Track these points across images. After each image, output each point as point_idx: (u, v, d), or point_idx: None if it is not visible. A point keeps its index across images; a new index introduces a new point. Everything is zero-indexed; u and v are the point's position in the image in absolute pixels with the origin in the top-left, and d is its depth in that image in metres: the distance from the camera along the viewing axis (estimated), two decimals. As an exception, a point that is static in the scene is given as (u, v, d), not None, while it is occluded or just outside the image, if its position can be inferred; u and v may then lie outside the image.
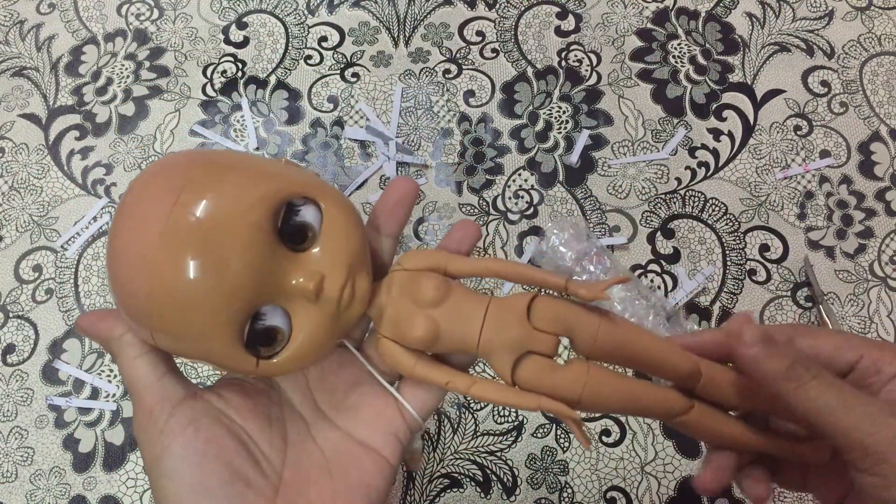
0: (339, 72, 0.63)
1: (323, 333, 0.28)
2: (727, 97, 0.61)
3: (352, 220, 0.29)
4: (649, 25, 0.65)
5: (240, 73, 0.64)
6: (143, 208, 0.26)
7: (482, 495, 0.50)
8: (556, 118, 0.61)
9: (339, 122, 0.61)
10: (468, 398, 0.53)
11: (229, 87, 0.63)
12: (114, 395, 0.53)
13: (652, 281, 0.56)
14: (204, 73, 0.64)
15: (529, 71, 0.63)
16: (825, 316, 0.53)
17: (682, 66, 0.63)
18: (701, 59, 0.63)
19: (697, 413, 0.29)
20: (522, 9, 0.66)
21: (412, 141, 0.60)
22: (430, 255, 0.30)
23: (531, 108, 0.61)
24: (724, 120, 0.61)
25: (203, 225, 0.25)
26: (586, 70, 0.63)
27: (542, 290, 0.44)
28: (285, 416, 0.30)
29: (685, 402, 0.29)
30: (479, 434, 0.52)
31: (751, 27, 0.64)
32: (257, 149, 0.61)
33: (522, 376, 0.28)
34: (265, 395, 0.30)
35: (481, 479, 0.51)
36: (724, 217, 0.57)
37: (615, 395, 0.28)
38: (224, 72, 0.64)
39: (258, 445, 0.28)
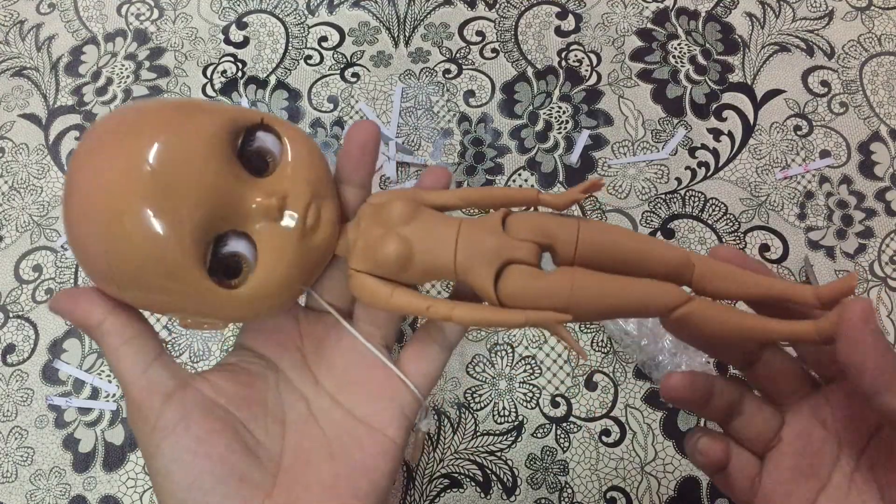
0: (339, 72, 0.63)
1: (290, 256, 0.26)
2: (727, 97, 0.61)
3: (314, 151, 0.28)
4: (649, 25, 0.65)
5: (240, 73, 0.64)
6: (98, 150, 0.25)
7: (482, 495, 0.50)
8: (556, 118, 0.61)
9: (339, 122, 0.61)
10: (467, 398, 0.53)
11: (229, 87, 0.63)
12: (114, 395, 0.53)
13: (652, 281, 0.56)
14: (204, 73, 0.64)
15: (529, 71, 0.63)
16: (825, 316, 0.53)
17: (682, 66, 0.63)
18: (701, 59, 0.63)
19: (699, 303, 0.26)
20: (522, 9, 0.66)
21: (412, 141, 0.60)
22: (399, 191, 0.29)
23: (531, 108, 0.61)
24: (724, 120, 0.61)
25: (160, 152, 0.24)
26: (586, 70, 0.63)
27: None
28: (283, 398, 0.29)
29: (683, 293, 0.26)
30: (479, 434, 0.52)
31: (751, 27, 0.64)
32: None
33: (506, 288, 0.26)
34: (261, 379, 0.29)
35: (481, 479, 0.51)
36: (724, 217, 0.57)
37: (606, 293, 0.26)
38: (224, 72, 0.64)
39: (253, 434, 0.27)
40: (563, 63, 0.63)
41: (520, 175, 0.59)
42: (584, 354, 0.27)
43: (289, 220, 0.26)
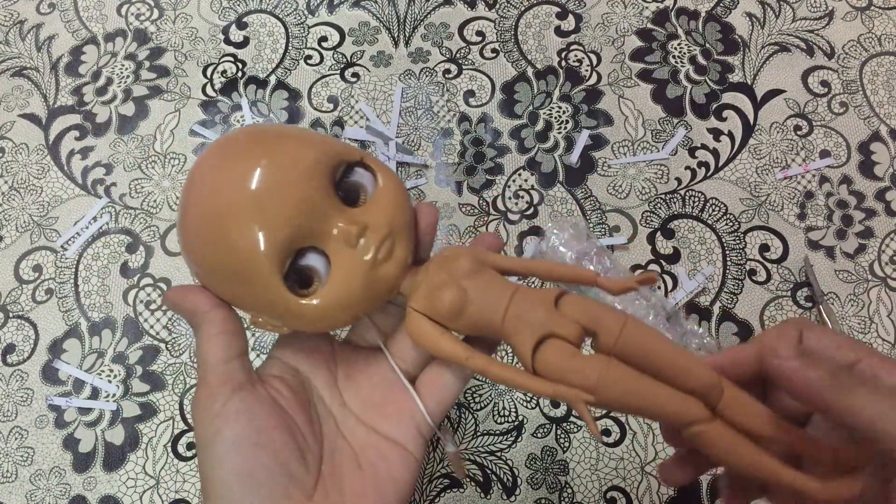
0: (339, 72, 0.63)
1: (358, 281, 0.29)
2: (727, 97, 0.61)
3: (402, 195, 0.31)
4: (649, 25, 0.65)
5: (240, 73, 0.64)
6: (215, 167, 0.29)
7: (482, 495, 0.50)
8: (556, 118, 0.61)
9: (339, 122, 0.61)
10: (467, 398, 0.53)
11: (229, 87, 0.63)
12: (114, 395, 0.53)
13: (652, 281, 0.56)
14: (204, 73, 0.64)
15: (529, 71, 0.63)
16: (825, 316, 0.53)
17: (682, 66, 0.63)
18: (701, 59, 0.63)
19: (718, 426, 0.27)
20: (522, 9, 0.66)
21: (412, 141, 0.60)
22: (470, 248, 0.32)
23: (531, 108, 0.61)
24: (724, 120, 0.61)
25: (268, 170, 0.28)
26: (586, 70, 0.63)
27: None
28: (320, 412, 0.31)
29: (706, 412, 0.27)
30: (479, 434, 0.52)
31: (751, 27, 0.64)
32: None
33: (542, 357, 0.28)
34: (304, 391, 0.31)
35: (481, 479, 0.51)
36: (724, 217, 0.57)
37: (631, 390, 0.27)
38: (224, 72, 0.64)
39: (304, 437, 0.29)
40: (563, 63, 0.63)
41: (520, 175, 0.59)
42: (599, 436, 0.29)
43: (364, 249, 0.29)
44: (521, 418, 0.52)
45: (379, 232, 0.30)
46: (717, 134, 0.60)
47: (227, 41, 0.65)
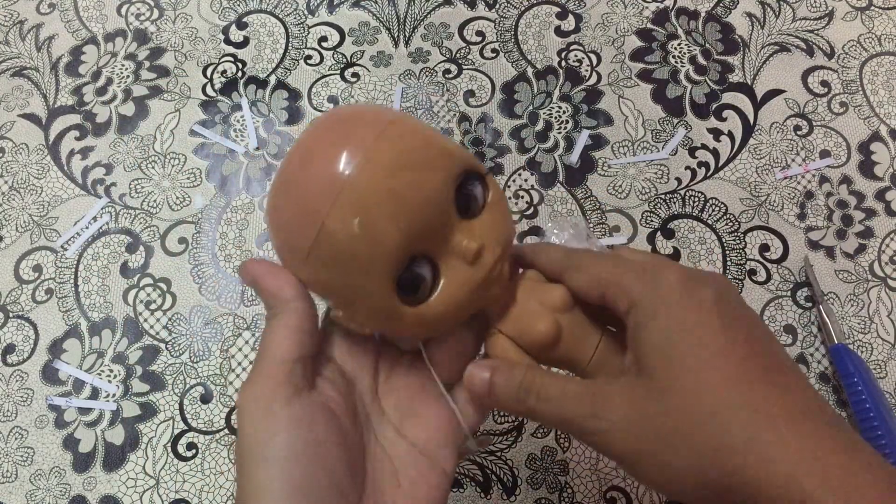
0: (339, 72, 0.63)
1: (466, 295, 0.28)
2: (727, 97, 0.61)
3: (509, 212, 0.31)
4: (649, 25, 0.65)
5: (240, 73, 0.64)
6: (339, 137, 0.27)
7: (482, 495, 0.50)
8: (556, 118, 0.61)
9: (339, 122, 0.61)
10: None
11: (229, 87, 0.63)
12: (114, 395, 0.53)
13: (652, 281, 0.56)
14: (204, 73, 0.64)
15: (529, 71, 0.63)
16: (825, 316, 0.53)
17: (682, 66, 0.63)
18: (701, 59, 0.63)
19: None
20: (522, 9, 0.66)
21: (412, 141, 0.60)
22: (558, 284, 0.32)
23: (531, 108, 0.61)
24: (724, 120, 0.61)
25: (402, 157, 0.26)
26: (586, 70, 0.63)
27: None
28: (361, 419, 0.30)
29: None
30: (478, 434, 0.52)
31: (751, 27, 0.64)
32: (257, 149, 0.61)
33: None
34: (351, 395, 0.30)
35: (481, 479, 0.51)
36: (724, 217, 0.57)
37: None
38: (224, 72, 0.64)
39: (353, 450, 0.28)
40: (563, 63, 0.63)
41: (519, 175, 0.59)
42: None
43: (479, 267, 0.29)
44: (521, 418, 0.52)
45: (494, 252, 0.29)
46: (717, 134, 0.60)
47: (227, 41, 0.65)
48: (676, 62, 0.63)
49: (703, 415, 0.24)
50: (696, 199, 0.58)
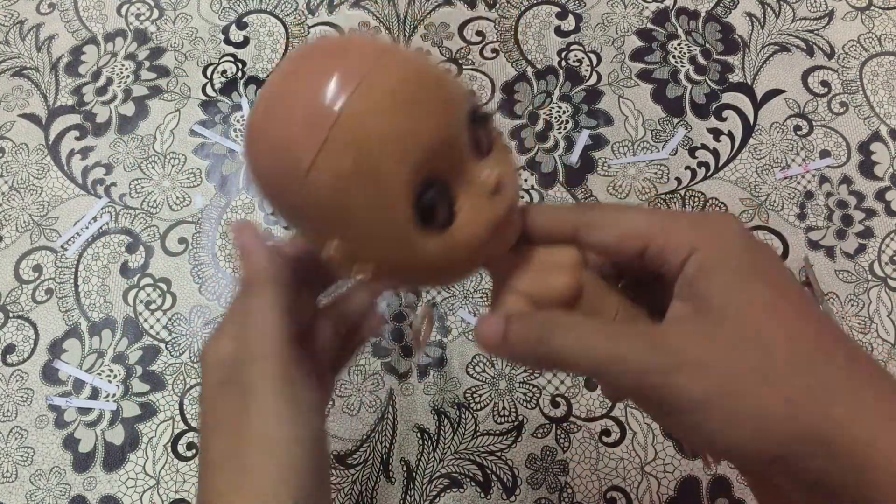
0: (339, 72, 0.63)
1: (487, 229, 0.25)
2: (727, 97, 0.61)
3: (513, 159, 0.28)
4: (649, 25, 0.65)
5: (240, 73, 0.63)
6: (338, 51, 0.24)
7: (482, 495, 0.50)
8: (556, 118, 0.61)
9: (339, 122, 0.61)
10: (467, 398, 0.52)
11: (229, 87, 0.63)
12: (113, 395, 0.53)
13: (652, 281, 0.56)
14: (204, 73, 0.64)
15: (529, 71, 0.63)
16: (825, 316, 0.53)
17: (682, 66, 0.63)
18: (701, 59, 0.63)
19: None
20: (522, 9, 0.66)
21: (412, 141, 0.60)
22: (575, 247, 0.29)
23: (531, 108, 0.61)
24: (724, 120, 0.61)
25: (413, 74, 0.24)
26: (586, 70, 0.63)
27: None
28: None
29: None
30: (479, 434, 0.52)
31: (751, 27, 0.64)
32: (257, 149, 0.61)
33: None
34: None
35: (481, 479, 0.51)
36: (724, 217, 0.57)
37: None
38: (224, 72, 0.64)
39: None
40: (563, 63, 0.63)
41: (520, 175, 0.59)
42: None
43: (499, 199, 0.25)
44: (521, 418, 0.52)
45: (511, 190, 0.26)
46: (717, 134, 0.60)
47: (227, 41, 0.65)
48: (676, 62, 0.63)
49: (799, 357, 0.22)
50: (696, 199, 0.58)
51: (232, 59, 0.64)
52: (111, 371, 0.54)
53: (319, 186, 0.23)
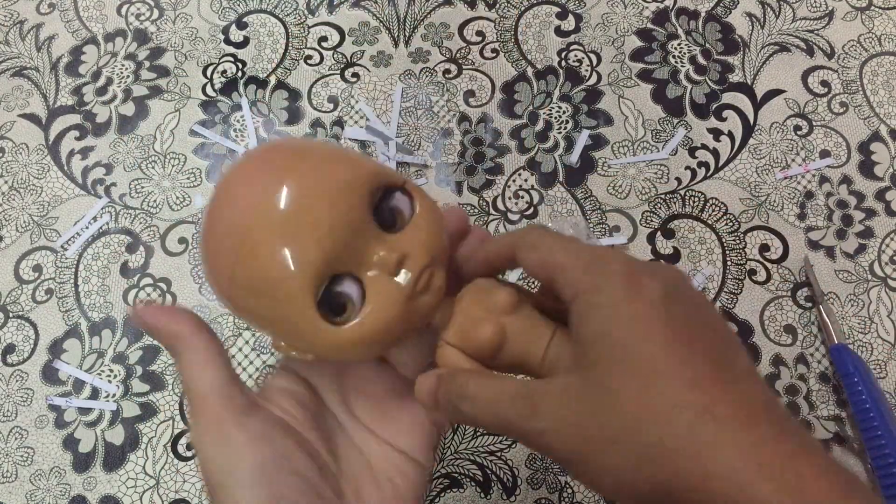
0: (339, 72, 0.63)
1: (394, 311, 0.27)
2: (727, 97, 0.61)
3: (439, 222, 0.30)
4: (649, 25, 0.65)
5: (240, 73, 0.64)
6: (247, 179, 0.28)
7: (482, 495, 0.50)
8: (556, 118, 0.61)
9: (339, 122, 0.61)
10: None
11: (229, 87, 0.63)
12: (114, 395, 0.53)
13: (652, 281, 0.56)
14: (204, 73, 0.64)
15: (529, 71, 0.63)
16: (825, 316, 0.53)
17: (682, 66, 0.63)
18: (701, 59, 0.63)
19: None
20: (522, 9, 0.66)
21: (412, 141, 0.60)
22: (507, 282, 0.31)
23: (531, 108, 0.61)
24: (724, 120, 0.61)
25: (305, 185, 0.27)
26: (586, 70, 0.63)
27: None
28: (331, 425, 0.30)
29: None
30: (479, 434, 0.52)
31: (751, 27, 0.64)
32: (257, 149, 0.61)
33: None
34: (315, 404, 0.30)
35: (481, 479, 0.51)
36: (724, 217, 0.57)
37: None
38: (224, 72, 0.64)
39: (322, 456, 0.28)
40: (563, 63, 0.63)
41: (519, 175, 0.59)
42: None
43: (402, 277, 0.28)
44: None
45: (419, 261, 0.28)
46: (717, 134, 0.60)
47: (227, 41, 0.65)
48: (676, 62, 0.63)
49: (646, 413, 0.23)
50: (696, 199, 0.58)
51: (232, 59, 0.64)
52: (111, 371, 0.54)
53: (238, 297, 0.28)
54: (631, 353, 0.24)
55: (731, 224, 0.57)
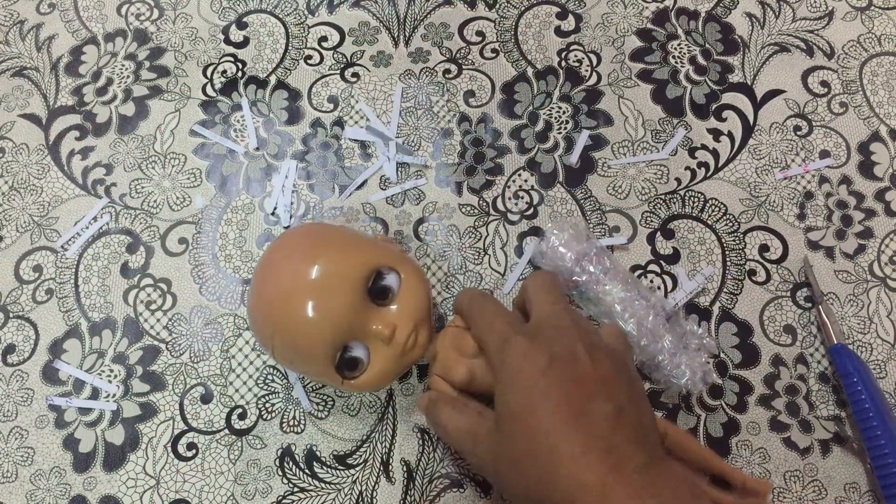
0: (339, 72, 0.63)
1: (390, 368, 0.42)
2: (727, 97, 0.61)
3: (422, 287, 0.43)
4: (649, 25, 0.65)
5: (240, 73, 0.64)
6: (278, 268, 0.42)
7: (482, 495, 0.50)
8: (556, 118, 0.61)
9: (339, 122, 0.61)
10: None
11: (229, 87, 0.63)
12: (114, 395, 0.53)
13: (651, 281, 0.56)
14: (204, 73, 0.64)
15: (529, 71, 0.63)
16: (825, 316, 0.53)
17: (682, 67, 0.63)
18: (701, 60, 0.63)
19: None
20: (522, 9, 0.66)
21: (412, 141, 0.60)
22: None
23: (531, 108, 0.61)
24: (723, 120, 0.61)
25: (317, 281, 0.40)
26: (586, 70, 0.63)
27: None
28: None
29: None
30: (478, 434, 0.52)
31: (751, 27, 0.64)
32: (257, 149, 0.61)
33: None
34: None
35: (481, 479, 0.51)
36: (724, 217, 0.57)
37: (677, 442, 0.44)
38: (224, 72, 0.64)
39: None
40: (563, 63, 0.63)
41: (519, 175, 0.59)
42: None
43: (396, 343, 0.42)
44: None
45: (406, 330, 0.41)
46: (716, 134, 0.60)
47: (227, 41, 0.65)
48: (676, 62, 0.63)
49: (534, 458, 0.34)
50: (696, 199, 0.58)
51: (232, 59, 0.64)
52: (111, 371, 0.54)
53: (278, 356, 0.43)
54: (523, 414, 0.35)
55: (730, 224, 0.57)
